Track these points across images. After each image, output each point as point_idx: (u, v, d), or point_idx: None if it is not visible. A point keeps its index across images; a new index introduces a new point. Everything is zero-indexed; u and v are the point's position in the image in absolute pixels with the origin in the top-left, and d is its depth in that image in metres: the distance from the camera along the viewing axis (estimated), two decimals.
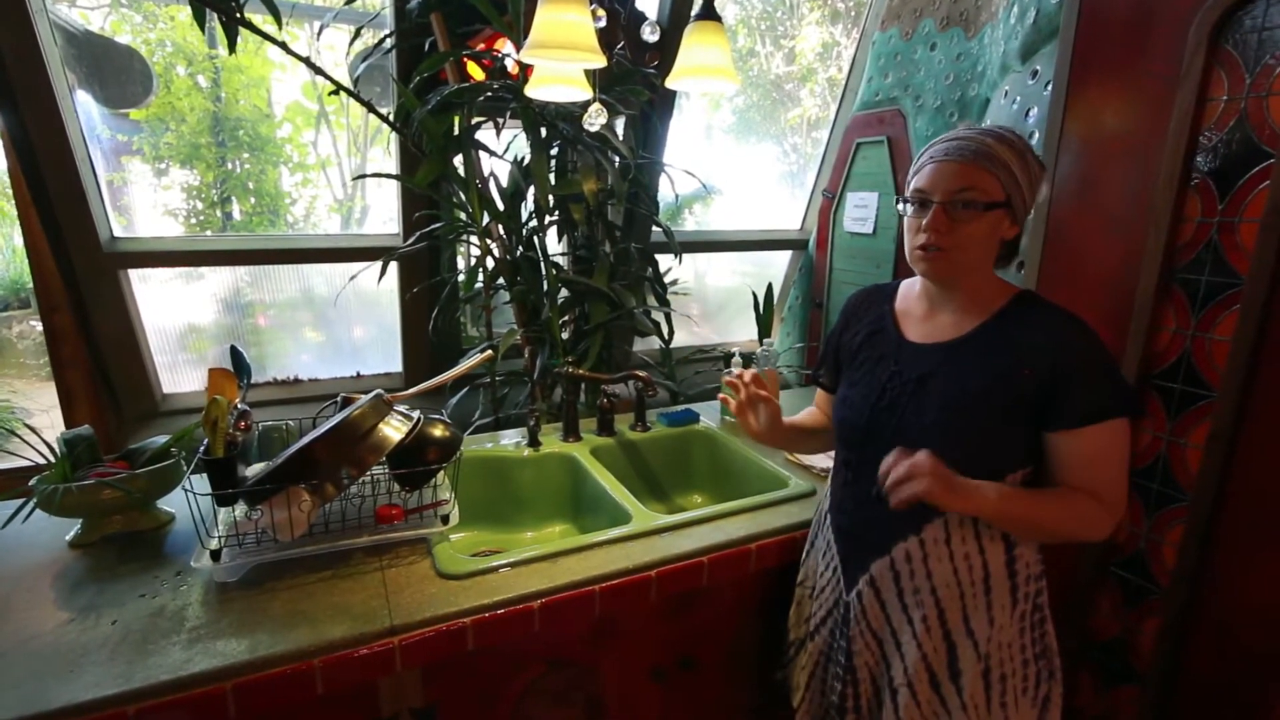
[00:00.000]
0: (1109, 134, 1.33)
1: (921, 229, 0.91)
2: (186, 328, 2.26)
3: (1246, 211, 1.12)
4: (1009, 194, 0.89)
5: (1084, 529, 0.90)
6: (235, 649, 0.87)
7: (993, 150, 0.88)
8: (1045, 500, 0.90)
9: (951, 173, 0.89)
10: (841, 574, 1.06)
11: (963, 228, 0.89)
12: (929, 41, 2.14)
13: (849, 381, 1.07)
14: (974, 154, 0.88)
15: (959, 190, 0.88)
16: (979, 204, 0.88)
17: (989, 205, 0.88)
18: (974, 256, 0.92)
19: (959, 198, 0.89)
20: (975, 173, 0.88)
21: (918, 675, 0.97)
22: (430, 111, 1.69)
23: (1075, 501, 0.89)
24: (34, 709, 0.76)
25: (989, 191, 0.88)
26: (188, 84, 2.71)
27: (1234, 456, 1.16)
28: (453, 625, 0.96)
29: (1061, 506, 0.90)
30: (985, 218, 0.89)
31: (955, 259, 0.91)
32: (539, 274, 1.94)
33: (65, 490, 1.05)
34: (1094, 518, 0.89)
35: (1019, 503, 0.89)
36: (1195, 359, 1.21)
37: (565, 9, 1.17)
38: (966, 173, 0.88)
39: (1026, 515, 0.89)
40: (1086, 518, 0.89)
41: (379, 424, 1.13)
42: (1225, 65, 1.14)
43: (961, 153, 0.89)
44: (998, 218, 0.90)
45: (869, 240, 2.39)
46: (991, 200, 0.88)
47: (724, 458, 1.66)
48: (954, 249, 0.90)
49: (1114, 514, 0.90)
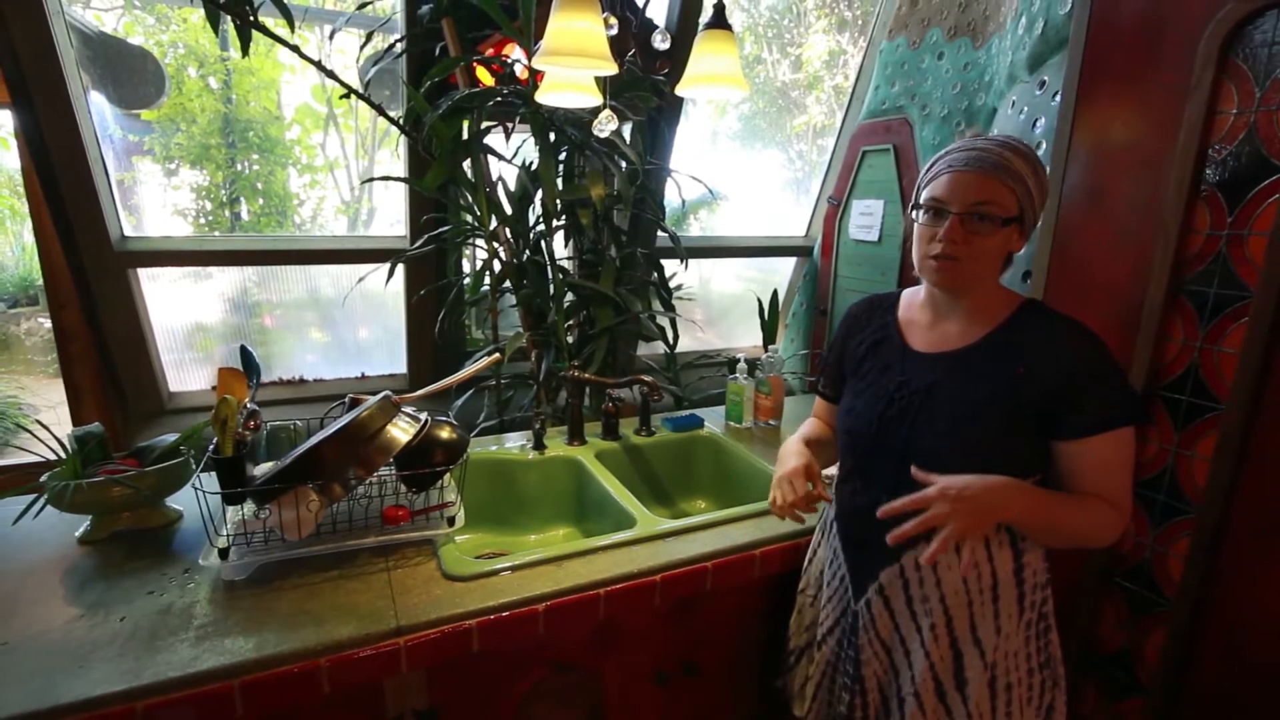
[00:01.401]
0: (1118, 145, 1.33)
1: (936, 238, 0.91)
2: (194, 327, 2.28)
3: (1255, 224, 1.12)
4: (1023, 208, 0.90)
5: (1096, 532, 0.91)
6: (243, 647, 0.87)
7: (1011, 164, 0.88)
8: (1063, 502, 0.91)
9: (970, 184, 0.88)
10: (850, 582, 1.06)
11: (978, 240, 0.89)
12: (936, 51, 2.15)
13: (854, 391, 1.07)
14: (994, 167, 0.88)
15: (977, 203, 0.88)
16: (997, 218, 0.88)
17: (1006, 220, 0.88)
18: (984, 268, 0.92)
19: (977, 210, 0.88)
20: (994, 186, 0.88)
21: (924, 684, 0.96)
22: (441, 116, 1.70)
23: (1090, 505, 0.90)
24: (44, 704, 0.77)
25: (1006, 206, 0.88)
26: (199, 85, 2.73)
27: (1241, 469, 1.16)
28: (458, 627, 0.96)
29: (1078, 509, 0.91)
30: (1000, 232, 0.89)
31: (967, 269, 0.91)
32: (545, 278, 1.95)
33: (76, 487, 1.06)
34: (1106, 522, 0.91)
35: (1041, 504, 0.90)
36: (1203, 371, 1.21)
37: (578, 17, 1.17)
38: (986, 185, 0.88)
39: (1047, 517, 0.90)
40: (1100, 521, 0.90)
41: (387, 425, 1.14)
42: (1235, 78, 1.14)
43: (981, 164, 0.88)
44: (1010, 232, 0.90)
45: (874, 248, 2.39)
46: (1008, 215, 0.88)
47: (728, 463, 1.66)
48: (967, 260, 0.90)
49: (1123, 519, 0.91)
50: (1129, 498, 0.92)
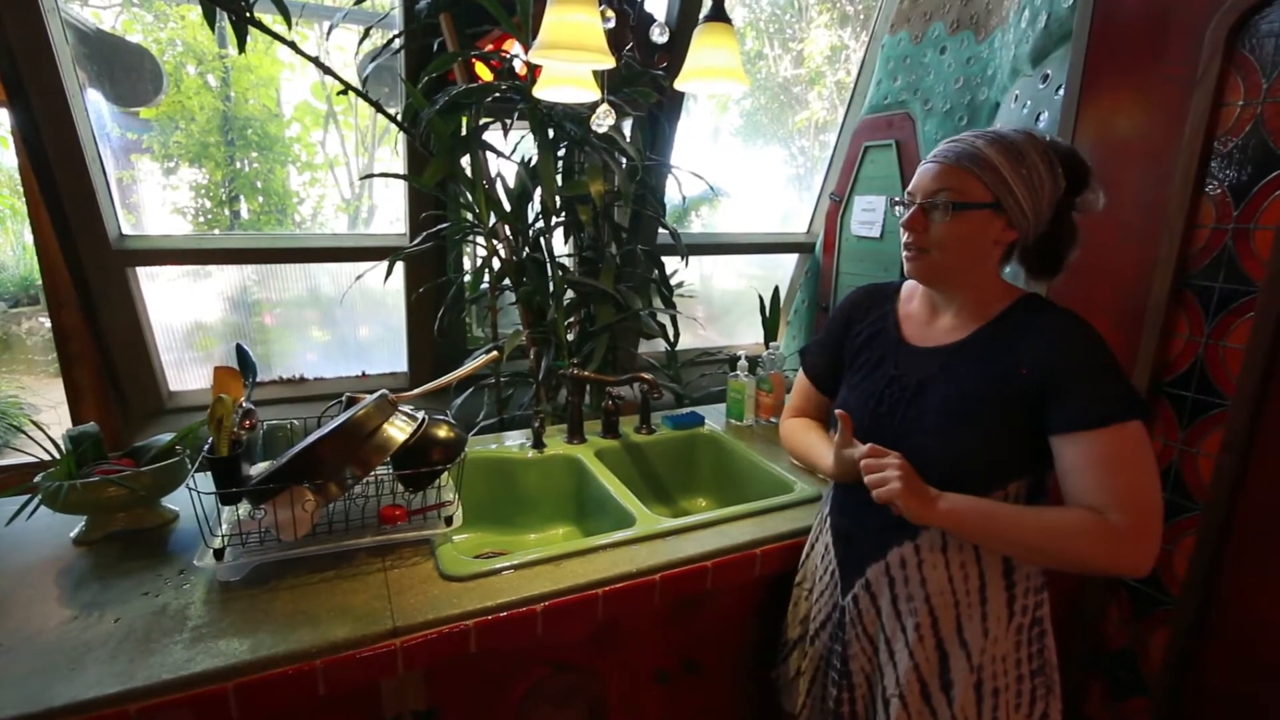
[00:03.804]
0: (1122, 138, 1.32)
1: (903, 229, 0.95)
2: (193, 326, 2.27)
3: (1262, 218, 1.11)
4: (997, 195, 0.88)
5: (1091, 550, 0.80)
6: (237, 648, 0.86)
7: (978, 152, 0.88)
8: (1029, 514, 0.84)
9: (932, 174, 0.91)
10: (839, 577, 1.06)
11: (939, 228, 0.90)
12: (939, 45, 2.13)
13: (849, 385, 1.07)
14: (956, 156, 0.90)
15: (935, 191, 0.90)
16: (951, 204, 0.89)
17: (961, 205, 0.88)
18: (957, 258, 0.91)
19: (934, 199, 0.90)
20: (955, 174, 0.89)
21: (909, 685, 0.95)
22: (439, 112, 1.69)
23: (1071, 516, 0.82)
24: (37, 706, 0.76)
25: (965, 193, 0.88)
26: (197, 83, 2.73)
27: (1247, 466, 1.15)
28: (455, 627, 0.95)
29: (1050, 521, 0.83)
30: (964, 218, 0.89)
31: (935, 260, 0.92)
32: (545, 275, 1.94)
33: (70, 487, 1.05)
34: (1100, 534, 0.79)
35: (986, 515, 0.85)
36: (1208, 366, 1.19)
37: (574, 10, 1.16)
38: (945, 174, 0.90)
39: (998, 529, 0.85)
40: (1089, 534, 0.80)
41: (384, 424, 1.13)
42: (1241, 70, 1.13)
43: (945, 155, 0.91)
44: (983, 219, 0.89)
45: (876, 244, 2.38)
46: (966, 201, 0.88)
47: (728, 461, 1.65)
48: (936, 249, 0.91)
49: (1136, 532, 0.79)
50: (1146, 506, 0.80)
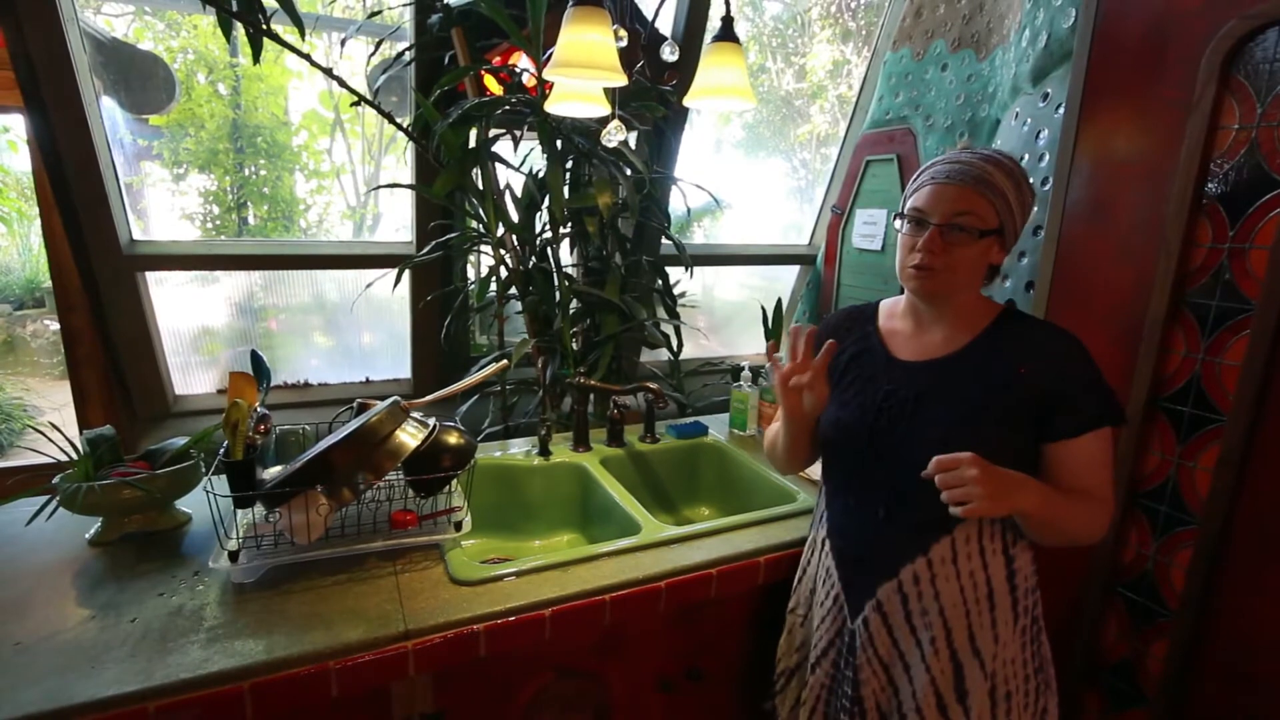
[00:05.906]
0: (1121, 158, 1.35)
1: (916, 248, 0.93)
2: (200, 330, 2.29)
3: (1257, 238, 1.14)
4: (1002, 221, 0.92)
5: (1090, 529, 0.94)
6: (253, 649, 0.88)
7: (992, 178, 0.90)
8: (1066, 497, 0.92)
9: (950, 196, 0.91)
10: (845, 601, 1.04)
11: (956, 250, 0.92)
12: (940, 62, 2.17)
13: (839, 403, 1.05)
14: (974, 179, 0.90)
15: (956, 214, 0.91)
16: (975, 230, 0.90)
17: (984, 233, 0.91)
18: (963, 278, 0.94)
19: (955, 221, 0.91)
20: (973, 198, 0.90)
21: (926, 699, 0.96)
22: (450, 125, 1.72)
23: (1085, 501, 0.92)
24: (59, 703, 0.78)
25: (984, 218, 0.91)
26: (209, 91, 2.76)
27: (1244, 480, 1.17)
28: (465, 631, 0.97)
29: (1077, 505, 0.92)
30: (978, 243, 0.91)
31: (946, 279, 0.94)
32: (551, 285, 1.96)
33: (88, 489, 1.07)
34: (1097, 518, 0.93)
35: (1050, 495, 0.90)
36: (1205, 383, 1.22)
37: (589, 30, 1.19)
38: (965, 197, 0.90)
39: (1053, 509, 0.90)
40: (1093, 517, 0.93)
41: (395, 430, 1.15)
42: (1237, 94, 1.16)
43: (963, 177, 0.91)
44: (989, 243, 0.93)
45: (877, 257, 2.41)
46: (986, 228, 0.91)
47: (732, 471, 1.67)
48: (946, 270, 0.93)
49: (1109, 513, 0.95)
50: (1112, 492, 0.96)
